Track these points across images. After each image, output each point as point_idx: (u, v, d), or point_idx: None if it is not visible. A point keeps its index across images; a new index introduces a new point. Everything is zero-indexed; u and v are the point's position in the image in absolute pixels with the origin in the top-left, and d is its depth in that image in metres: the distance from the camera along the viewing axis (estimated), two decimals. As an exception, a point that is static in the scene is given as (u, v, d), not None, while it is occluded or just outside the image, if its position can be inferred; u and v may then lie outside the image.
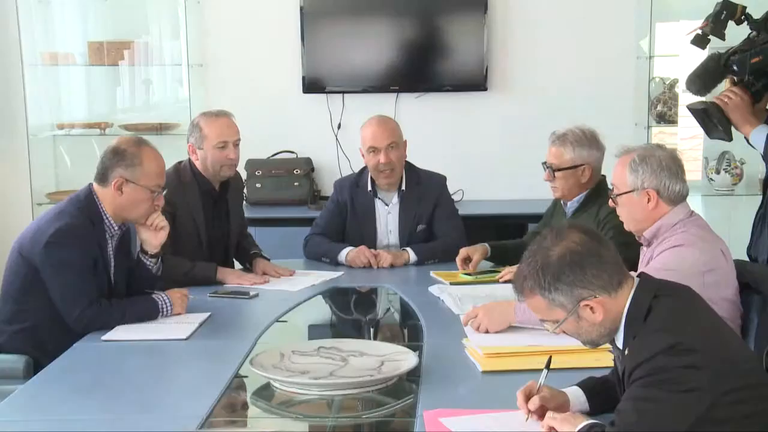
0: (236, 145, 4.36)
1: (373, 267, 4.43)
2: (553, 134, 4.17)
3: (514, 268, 3.97)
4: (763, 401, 2.34)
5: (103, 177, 3.62)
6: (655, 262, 3.16)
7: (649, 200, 3.25)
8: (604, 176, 4.16)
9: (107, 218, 3.64)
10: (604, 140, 4.16)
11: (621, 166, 3.32)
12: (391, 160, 4.48)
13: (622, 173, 3.30)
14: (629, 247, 3.40)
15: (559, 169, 4.09)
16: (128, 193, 3.61)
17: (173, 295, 3.68)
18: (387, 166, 4.50)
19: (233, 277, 4.23)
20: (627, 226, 3.40)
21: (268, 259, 4.48)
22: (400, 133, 4.56)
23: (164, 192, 3.75)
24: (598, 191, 4.10)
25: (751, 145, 3.78)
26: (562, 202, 4.25)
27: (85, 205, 3.61)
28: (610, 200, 3.41)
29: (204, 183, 4.35)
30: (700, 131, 5.63)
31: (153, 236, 3.75)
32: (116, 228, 3.68)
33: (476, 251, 4.31)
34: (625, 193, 3.30)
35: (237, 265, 4.58)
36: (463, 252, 4.30)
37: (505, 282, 3.93)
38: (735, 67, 3.73)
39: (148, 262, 3.77)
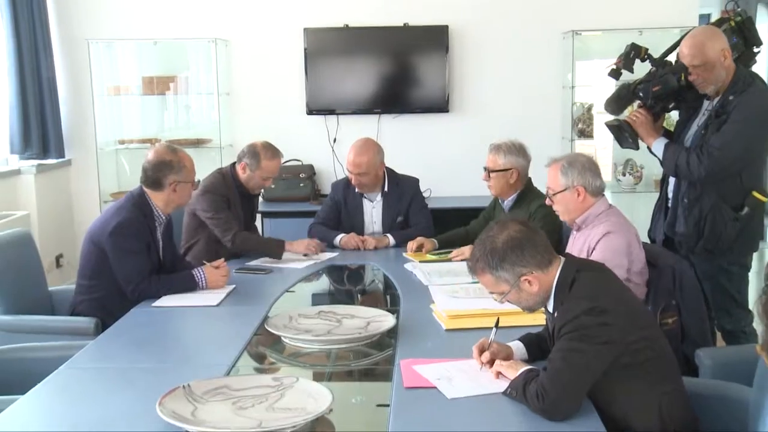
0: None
1: (360, 249, 4.40)
2: (491, 144, 4.17)
3: (462, 249, 4.02)
4: (656, 349, 2.39)
5: (157, 184, 3.61)
6: (597, 254, 3.12)
7: (578, 195, 3.26)
8: (530, 179, 4.16)
9: (156, 210, 3.64)
10: (538, 150, 4.16)
11: (554, 171, 3.31)
12: (360, 181, 4.45)
13: (556, 176, 3.30)
14: (553, 234, 3.41)
15: (494, 171, 4.09)
16: (180, 189, 3.64)
17: (208, 271, 3.64)
18: (356, 184, 4.48)
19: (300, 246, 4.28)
20: (562, 217, 3.40)
21: None
22: (372, 161, 4.40)
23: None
24: (528, 190, 4.13)
25: (652, 153, 3.79)
26: (500, 200, 4.23)
27: (138, 202, 3.61)
28: (547, 198, 3.39)
29: (241, 187, 4.39)
30: (611, 143, 5.68)
31: (215, 280, 3.65)
32: (163, 218, 3.68)
33: (428, 242, 4.28)
34: (560, 191, 3.29)
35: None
36: (419, 240, 4.28)
37: (460, 260, 3.94)
38: (641, 94, 3.74)
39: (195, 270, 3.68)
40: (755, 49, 3.80)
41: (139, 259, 3.52)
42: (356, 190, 4.54)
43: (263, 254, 4.25)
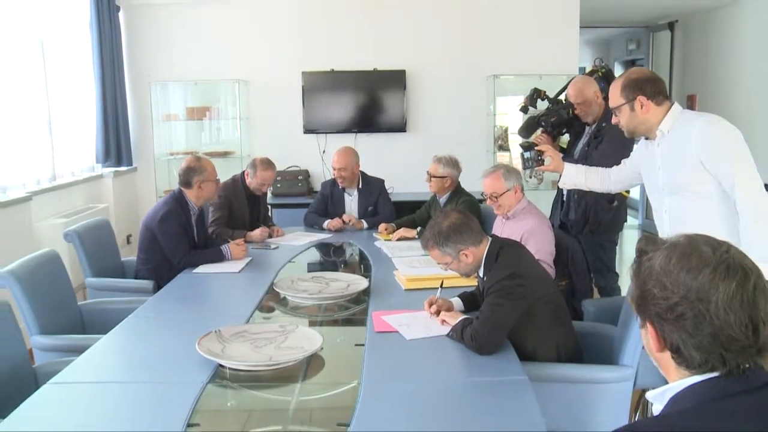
0: (270, 185, 4.26)
1: (342, 230, 4.31)
2: (435, 156, 4.09)
3: (401, 231, 4.01)
4: (555, 303, 2.38)
5: (187, 183, 3.55)
6: (532, 246, 2.82)
7: (516, 193, 3.16)
8: (459, 182, 4.09)
9: (190, 204, 3.56)
10: (470, 159, 4.13)
11: (496, 179, 3.14)
12: (341, 175, 4.33)
13: (499, 182, 3.13)
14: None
15: (434, 176, 4.02)
16: (205, 187, 3.56)
17: (232, 246, 3.57)
18: (339, 178, 4.36)
19: (256, 235, 4.03)
20: (500, 212, 3.19)
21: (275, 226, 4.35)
22: (350, 161, 4.33)
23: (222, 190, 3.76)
24: (458, 191, 4.06)
25: None
26: (437, 197, 4.15)
27: (177, 198, 3.54)
28: (489, 200, 3.19)
29: (248, 190, 4.24)
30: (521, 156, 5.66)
31: (237, 254, 3.55)
32: (196, 209, 3.61)
33: (389, 227, 4.16)
34: (505, 192, 3.13)
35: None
36: (383, 225, 4.19)
37: (397, 239, 3.96)
38: (542, 123, 3.78)
39: (223, 246, 3.58)
40: None
41: (180, 239, 3.45)
42: (339, 186, 4.46)
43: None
